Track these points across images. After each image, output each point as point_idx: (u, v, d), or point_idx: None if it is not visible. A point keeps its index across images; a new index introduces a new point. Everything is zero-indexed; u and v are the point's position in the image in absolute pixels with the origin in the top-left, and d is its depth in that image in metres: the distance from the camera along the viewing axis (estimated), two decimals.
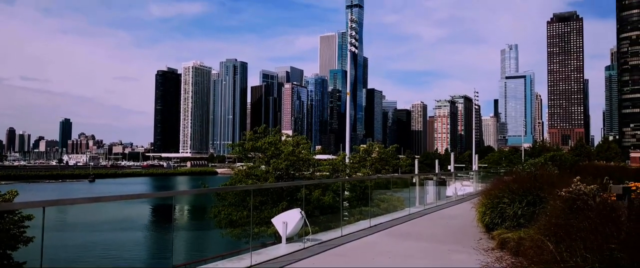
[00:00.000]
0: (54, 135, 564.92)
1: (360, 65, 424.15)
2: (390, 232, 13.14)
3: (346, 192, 26.72)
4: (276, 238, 19.03)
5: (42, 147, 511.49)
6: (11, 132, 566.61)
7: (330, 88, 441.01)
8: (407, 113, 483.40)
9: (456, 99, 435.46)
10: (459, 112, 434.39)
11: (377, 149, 43.99)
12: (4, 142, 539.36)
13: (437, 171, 59.21)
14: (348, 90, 51.14)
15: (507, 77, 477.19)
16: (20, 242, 15.73)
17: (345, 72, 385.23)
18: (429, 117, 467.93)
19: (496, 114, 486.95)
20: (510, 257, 8.38)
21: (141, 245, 45.91)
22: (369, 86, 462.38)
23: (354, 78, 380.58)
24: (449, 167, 72.60)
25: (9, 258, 15.69)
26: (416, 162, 59.00)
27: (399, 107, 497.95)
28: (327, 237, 11.68)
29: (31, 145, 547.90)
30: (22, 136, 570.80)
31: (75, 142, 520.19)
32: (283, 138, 33.30)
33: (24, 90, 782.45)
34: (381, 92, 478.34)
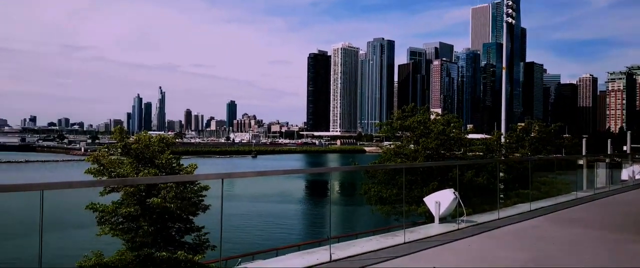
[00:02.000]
0: (222, 115, 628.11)
1: (517, 36, 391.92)
2: (553, 217, 12.17)
3: (501, 174, 25.29)
4: (427, 218, 18.90)
5: (213, 126, 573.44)
6: (188, 113, 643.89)
7: (483, 63, 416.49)
8: (573, 87, 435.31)
9: (634, 70, 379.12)
10: (637, 85, 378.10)
11: (537, 128, 40.66)
12: (183, 122, 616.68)
13: (609, 152, 52.78)
14: (504, 65, 48.00)
15: None
16: (199, 209, 17.97)
17: (500, 45, 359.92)
18: (600, 91, 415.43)
19: None
20: None
21: (299, 216, 49.20)
22: (528, 59, 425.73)
23: (510, 51, 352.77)
24: (624, 148, 64.07)
25: (191, 223, 18.04)
26: (584, 142, 53.23)
27: (563, 81, 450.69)
28: (482, 219, 11.27)
29: (204, 124, 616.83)
30: (196, 116, 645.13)
31: (239, 122, 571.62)
32: (432, 116, 32.60)
33: (196, 76, 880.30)
34: (541, 65, 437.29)
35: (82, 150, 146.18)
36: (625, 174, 23.56)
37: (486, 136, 42.67)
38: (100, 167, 17.83)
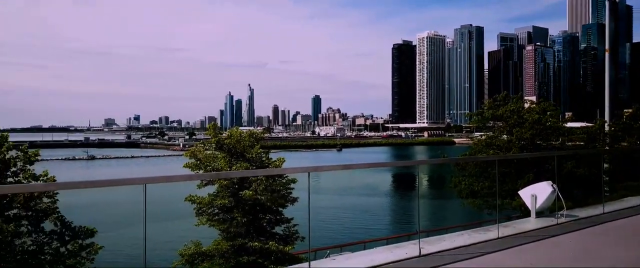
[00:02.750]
0: (308, 110, 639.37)
1: (622, 15, 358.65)
2: None
3: (605, 164, 23.38)
4: (522, 212, 17.96)
5: (299, 120, 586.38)
6: (275, 109, 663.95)
7: (582, 46, 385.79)
8: None
9: None
10: None
11: None
12: (270, 117, 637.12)
13: None
14: (606, 47, 44.14)
15: None
16: (288, 201, 18.51)
17: (602, 25, 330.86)
18: None
19: None
20: None
21: (386, 210, 48.96)
22: (635, 40, 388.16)
23: (613, 32, 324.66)
24: None
25: (281, 214, 18.64)
26: None
27: None
28: (584, 213, 10.49)
29: (290, 119, 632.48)
30: (283, 112, 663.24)
31: (324, 116, 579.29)
32: (526, 105, 30.88)
33: (282, 72, 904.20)
34: None
35: (181, 145, 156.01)
36: None
37: (587, 124, 39.57)
38: (197, 161, 18.93)
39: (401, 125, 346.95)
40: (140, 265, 5.19)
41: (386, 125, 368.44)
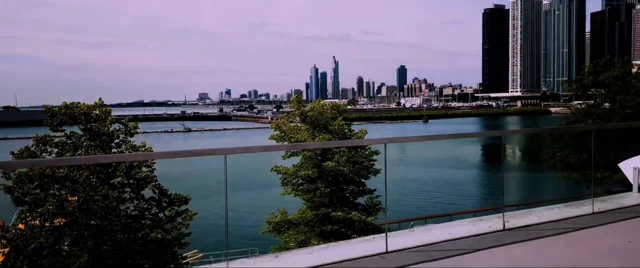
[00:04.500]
0: (392, 80, 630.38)
1: None
2: None
3: None
4: (624, 186, 16.58)
5: (383, 92, 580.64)
6: (360, 81, 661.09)
7: None
8: None
9: None
10: None
11: None
12: (355, 89, 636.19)
13: None
14: None
15: None
16: (370, 173, 18.54)
17: None
18: None
19: None
20: None
21: (473, 182, 47.46)
22: None
23: None
24: None
25: (363, 185, 18.75)
26: None
27: None
28: None
29: (375, 90, 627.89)
30: (368, 83, 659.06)
31: (410, 86, 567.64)
32: (633, 70, 28.10)
33: (366, 43, 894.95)
34: None
35: (269, 118, 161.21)
36: None
37: None
38: (282, 133, 19.46)
39: (492, 95, 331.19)
40: (228, 230, 5.47)
41: (476, 95, 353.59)
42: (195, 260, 20.58)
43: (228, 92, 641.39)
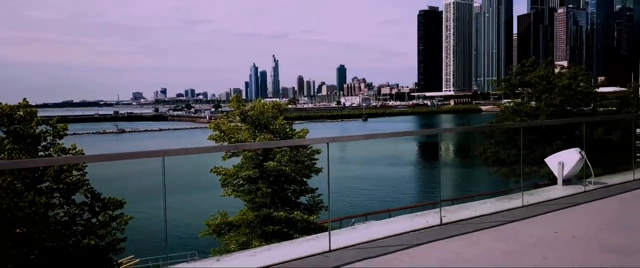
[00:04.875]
0: (332, 80, 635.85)
1: None
2: None
3: (638, 130, 22.64)
4: (550, 180, 17.65)
5: (324, 91, 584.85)
6: (300, 80, 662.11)
7: (617, 7, 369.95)
8: None
9: None
10: None
11: None
12: (296, 88, 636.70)
13: None
14: None
15: None
16: (312, 172, 18.61)
17: None
18: None
19: None
20: None
21: (411, 179, 48.89)
22: None
23: None
24: None
25: (305, 185, 18.79)
26: None
27: None
28: (614, 180, 10.21)
29: (315, 89, 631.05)
30: (308, 82, 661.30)
31: (349, 85, 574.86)
32: (556, 70, 30.00)
33: (306, 42, 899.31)
34: None
35: (207, 118, 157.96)
36: None
37: (621, 89, 38.23)
38: (221, 133, 19.11)
39: (427, 94, 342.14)
40: (167, 234, 5.29)
41: (412, 94, 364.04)
42: (132, 266, 19.81)
43: (164, 91, 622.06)
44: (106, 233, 13.42)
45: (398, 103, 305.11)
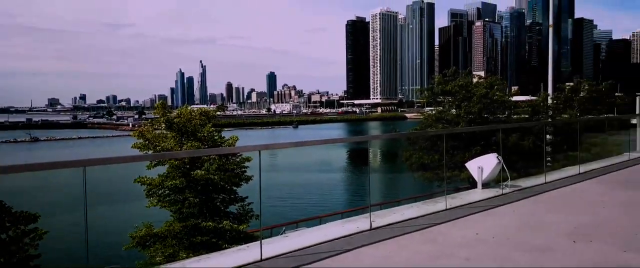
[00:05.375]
0: (263, 87, 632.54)
1: None
2: (604, 179, 11.68)
3: (548, 136, 24.46)
4: (470, 183, 18.60)
5: (253, 98, 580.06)
6: (229, 86, 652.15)
7: (528, 22, 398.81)
8: (626, 43, 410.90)
9: None
10: None
11: (587, 87, 38.92)
12: (224, 95, 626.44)
13: None
14: (550, 22, 45.65)
15: None
16: (242, 180, 18.33)
17: (547, 1, 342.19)
18: None
19: None
20: None
21: (342, 185, 49.56)
22: (577, 15, 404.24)
23: (557, 7, 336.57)
24: None
25: (235, 193, 18.45)
26: (638, 100, 50.53)
27: (615, 36, 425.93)
28: (528, 183, 10.94)
29: (245, 96, 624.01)
30: (237, 89, 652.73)
31: (279, 93, 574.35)
32: (474, 80, 31.72)
33: (235, 48, 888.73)
34: (591, 21, 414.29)
35: (130, 125, 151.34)
36: None
37: (532, 98, 41.10)
38: (146, 141, 18.35)
39: (356, 102, 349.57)
40: (89, 249, 4.98)
41: (341, 101, 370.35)
42: None
43: (83, 98, 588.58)
44: (17, 250, 12.42)
45: (328, 110, 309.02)
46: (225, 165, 17.85)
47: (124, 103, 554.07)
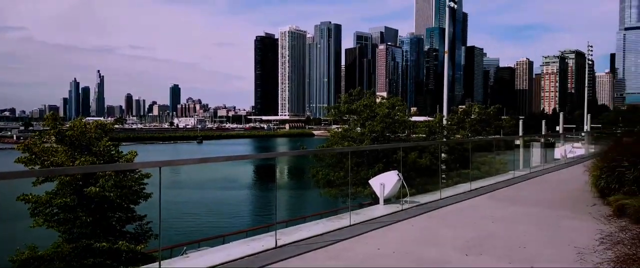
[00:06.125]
0: (165, 100, 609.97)
1: (459, 21, 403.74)
2: (492, 195, 12.64)
3: (443, 154, 26.05)
4: (373, 199, 19.21)
5: (155, 111, 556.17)
6: (129, 98, 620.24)
7: (426, 47, 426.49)
8: (511, 71, 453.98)
9: (566, 54, 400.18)
10: (569, 68, 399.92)
11: (477, 110, 42.18)
12: (123, 107, 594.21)
13: (543, 132, 55.63)
14: (446, 49, 49.07)
15: (626, 28, 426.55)
16: (140, 198, 17.36)
17: (443, 29, 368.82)
18: (535, 74, 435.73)
19: (613, 70, 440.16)
20: (634, 225, 7.68)
21: (247, 202, 48.80)
22: (469, 43, 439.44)
23: (452, 36, 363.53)
24: (557, 128, 67.81)
25: (132, 212, 17.42)
26: (521, 123, 55.76)
27: (502, 64, 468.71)
28: (425, 199, 11.51)
29: (146, 109, 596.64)
30: (138, 101, 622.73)
31: (183, 106, 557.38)
32: (378, 100, 33.04)
33: (136, 59, 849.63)
34: (482, 49, 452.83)
35: (15, 138, 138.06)
36: (557, 153, 24.83)
37: (429, 118, 43.71)
38: (32, 155, 16.80)
39: (263, 118, 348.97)
40: None
41: (249, 117, 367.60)
42: None
43: None
44: None
45: (235, 125, 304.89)
46: (122, 181, 16.81)
47: (7, 113, 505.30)
